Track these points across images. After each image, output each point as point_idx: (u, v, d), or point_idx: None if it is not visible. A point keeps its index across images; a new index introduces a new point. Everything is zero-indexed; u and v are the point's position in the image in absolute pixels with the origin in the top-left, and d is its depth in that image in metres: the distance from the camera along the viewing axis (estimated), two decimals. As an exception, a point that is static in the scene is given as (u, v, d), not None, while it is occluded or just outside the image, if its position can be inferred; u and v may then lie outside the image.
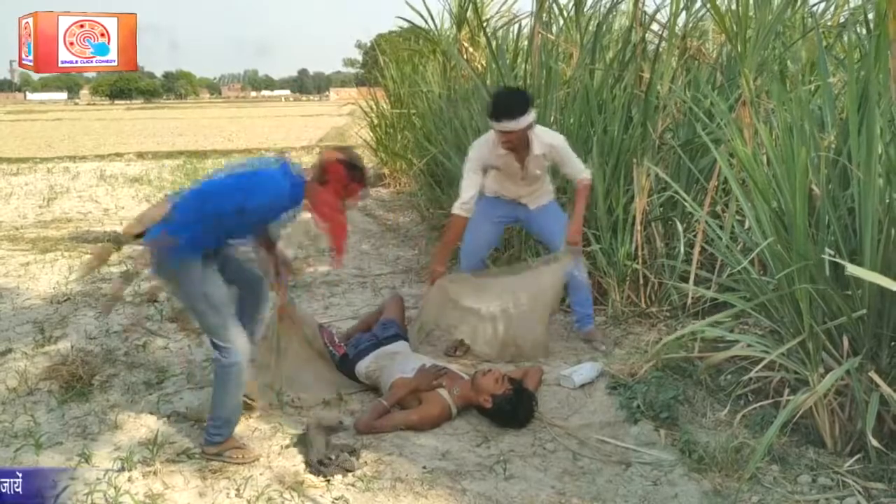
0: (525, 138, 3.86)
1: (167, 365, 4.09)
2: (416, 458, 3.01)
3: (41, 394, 3.71)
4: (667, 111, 4.81)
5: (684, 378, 3.55)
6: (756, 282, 3.05)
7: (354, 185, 2.97)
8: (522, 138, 3.85)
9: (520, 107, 3.76)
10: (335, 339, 3.82)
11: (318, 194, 2.92)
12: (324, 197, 2.92)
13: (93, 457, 3.04)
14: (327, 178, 2.92)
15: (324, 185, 2.92)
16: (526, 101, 3.82)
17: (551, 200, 4.26)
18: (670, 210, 4.78)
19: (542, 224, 4.25)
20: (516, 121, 3.75)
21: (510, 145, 3.87)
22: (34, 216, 9.33)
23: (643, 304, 4.61)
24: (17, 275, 6.15)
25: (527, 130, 3.83)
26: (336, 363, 3.74)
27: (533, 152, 3.92)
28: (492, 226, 4.28)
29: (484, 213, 4.18)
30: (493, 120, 3.83)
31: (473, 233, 4.19)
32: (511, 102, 3.79)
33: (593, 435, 3.19)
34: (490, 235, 4.33)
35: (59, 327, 4.72)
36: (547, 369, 3.89)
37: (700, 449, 2.92)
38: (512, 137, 3.82)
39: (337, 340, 3.81)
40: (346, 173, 2.94)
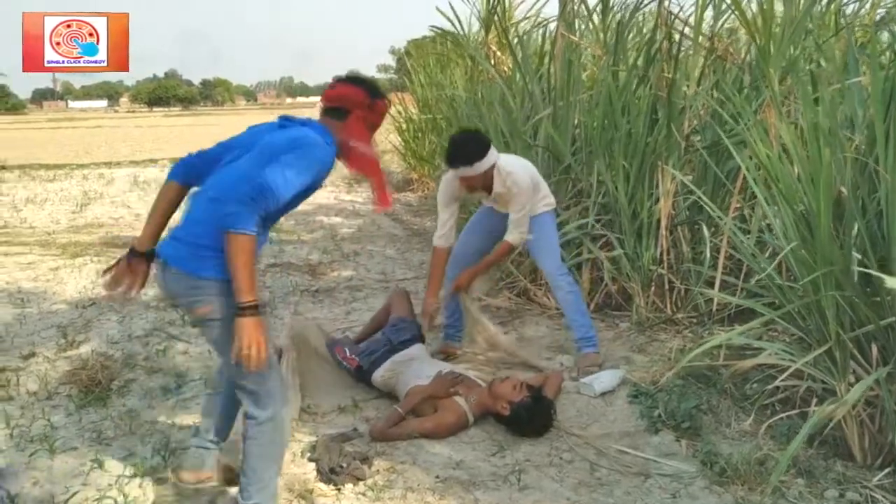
0: (486, 180, 3.76)
1: (186, 370, 4.09)
2: (430, 466, 2.96)
3: (60, 398, 3.73)
4: (693, 112, 4.70)
5: (708, 386, 3.45)
6: (781, 288, 2.94)
7: (379, 102, 2.48)
8: (482, 180, 3.76)
9: (476, 153, 3.67)
10: (347, 352, 3.77)
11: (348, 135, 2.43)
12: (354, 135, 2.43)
13: (106, 462, 3.03)
14: (347, 108, 2.44)
15: (346, 122, 2.43)
16: (482, 146, 3.70)
17: (545, 212, 4.00)
18: (696, 213, 4.67)
19: (528, 242, 4.01)
20: (472, 167, 3.67)
21: (471, 189, 3.82)
22: (67, 221, 9.46)
23: (669, 309, 4.50)
24: (46, 279, 6.23)
25: (486, 174, 3.73)
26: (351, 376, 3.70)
27: (496, 190, 3.80)
28: (482, 237, 4.15)
29: (477, 222, 4.16)
30: (450, 166, 3.77)
31: (463, 242, 4.15)
32: (467, 150, 3.70)
33: (612, 445, 3.11)
34: (480, 244, 4.16)
35: (83, 331, 4.75)
36: (565, 376, 3.81)
37: (722, 460, 2.82)
38: (472, 182, 3.75)
39: (349, 353, 3.76)
40: (365, 93, 2.46)
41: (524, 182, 3.77)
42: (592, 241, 4.82)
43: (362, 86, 2.47)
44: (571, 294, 3.97)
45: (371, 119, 2.46)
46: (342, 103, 2.45)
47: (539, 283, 5.11)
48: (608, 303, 4.84)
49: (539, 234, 3.96)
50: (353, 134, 2.43)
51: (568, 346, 4.28)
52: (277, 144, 2.28)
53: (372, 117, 2.47)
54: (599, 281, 4.85)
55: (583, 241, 4.83)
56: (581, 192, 5.04)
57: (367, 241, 7.88)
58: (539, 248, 4.02)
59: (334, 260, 6.67)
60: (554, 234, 4.05)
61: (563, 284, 3.95)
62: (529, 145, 5.17)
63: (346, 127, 2.42)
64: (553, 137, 4.95)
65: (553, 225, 4.06)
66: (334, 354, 3.74)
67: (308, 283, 5.93)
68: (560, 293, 3.98)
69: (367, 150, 2.47)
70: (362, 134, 2.45)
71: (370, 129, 2.48)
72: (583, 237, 4.82)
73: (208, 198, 2.28)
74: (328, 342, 3.83)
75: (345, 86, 2.48)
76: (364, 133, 2.45)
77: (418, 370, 3.50)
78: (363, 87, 2.47)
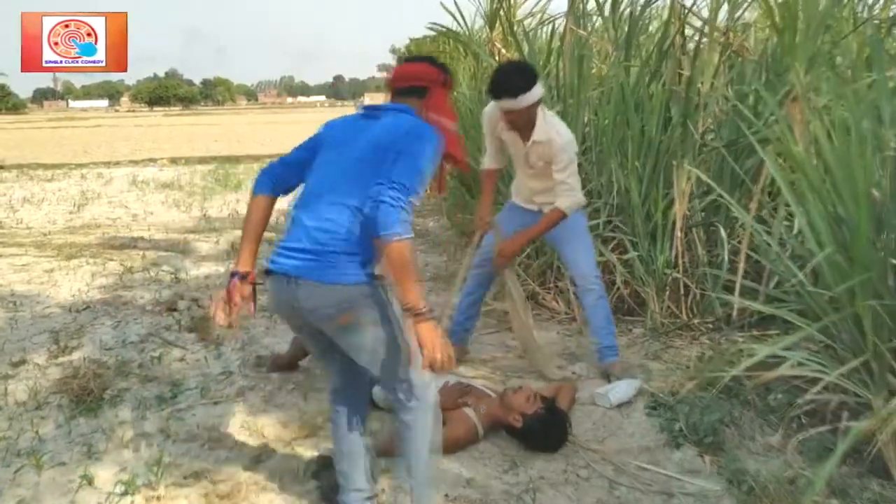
0: (529, 119, 3.51)
1: (182, 378, 3.92)
2: (439, 485, 2.78)
3: (50, 408, 3.56)
4: (708, 110, 4.53)
5: (730, 397, 3.26)
6: (813, 296, 2.76)
7: (450, 78, 2.47)
8: (525, 118, 3.50)
9: (522, 84, 3.40)
10: None
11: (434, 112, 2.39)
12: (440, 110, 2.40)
13: (95, 478, 2.87)
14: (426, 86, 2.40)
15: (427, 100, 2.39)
16: (529, 77, 3.44)
17: (575, 213, 3.71)
18: (713, 215, 4.49)
19: (558, 236, 3.80)
20: (516, 100, 3.40)
21: (512, 125, 3.56)
22: (63, 222, 9.31)
23: (684, 315, 4.33)
24: (41, 282, 6.06)
25: (530, 110, 3.48)
26: None
27: (534, 137, 3.55)
28: (507, 236, 3.92)
29: (502, 219, 3.95)
30: (493, 97, 3.52)
31: (489, 241, 3.96)
32: (512, 79, 3.43)
33: (631, 461, 2.93)
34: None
35: (76, 337, 4.59)
36: (579, 385, 3.64)
37: (749, 478, 2.65)
38: (514, 117, 3.50)
39: None
40: (438, 69, 2.44)
41: (567, 134, 3.53)
42: (604, 244, 4.65)
43: (434, 63, 2.48)
44: (602, 300, 3.79)
45: (446, 95, 2.45)
46: (420, 82, 2.40)
47: (548, 286, 4.95)
48: (621, 307, 4.66)
49: (573, 234, 3.75)
50: (438, 110, 2.39)
51: (580, 353, 4.11)
52: (400, 140, 2.20)
53: (446, 93, 2.45)
54: (611, 285, 4.66)
55: (594, 244, 4.65)
56: (591, 192, 4.86)
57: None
58: (573, 250, 3.80)
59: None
60: (588, 233, 3.85)
61: (597, 289, 3.76)
62: (538, 144, 5.00)
63: (429, 104, 2.39)
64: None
65: (586, 223, 3.86)
66: None
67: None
68: (591, 297, 3.77)
69: (453, 125, 2.44)
70: (445, 109, 2.42)
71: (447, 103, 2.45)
72: (594, 239, 4.63)
73: (337, 204, 2.19)
74: None
75: (418, 65, 2.48)
76: (447, 108, 2.42)
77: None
78: (435, 64, 2.47)
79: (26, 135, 33.09)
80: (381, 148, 2.19)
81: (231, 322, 2.35)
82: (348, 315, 2.18)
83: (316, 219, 2.21)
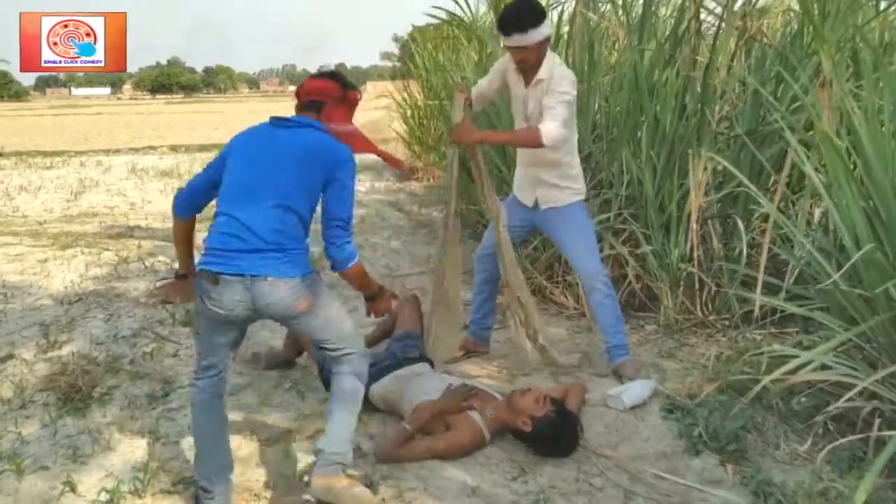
0: (538, 58, 3.35)
1: (174, 375, 3.76)
2: (442, 494, 2.62)
3: (35, 407, 3.40)
4: (725, 97, 4.33)
5: (752, 401, 3.07)
6: (847, 295, 2.57)
7: (349, 92, 2.74)
8: (534, 57, 3.35)
9: (531, 19, 3.27)
10: None
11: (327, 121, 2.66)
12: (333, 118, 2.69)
13: (79, 485, 2.70)
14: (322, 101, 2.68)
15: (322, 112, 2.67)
16: (538, 13, 3.31)
17: (573, 203, 3.59)
18: (730, 207, 4.30)
19: (558, 232, 3.64)
20: (527, 34, 3.26)
21: (523, 65, 3.39)
22: (60, 210, 9.13)
23: (699, 312, 4.14)
24: (33, 272, 5.88)
25: (540, 47, 3.33)
26: None
27: (538, 76, 3.39)
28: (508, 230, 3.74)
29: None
30: (502, 34, 3.37)
31: (490, 236, 3.80)
32: (521, 14, 3.29)
33: (647, 469, 2.76)
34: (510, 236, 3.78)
35: (66, 331, 4.41)
36: (591, 386, 3.46)
37: (777, 491, 2.47)
38: (525, 56, 3.34)
39: None
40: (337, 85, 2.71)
41: (571, 75, 3.40)
42: (615, 236, 4.46)
43: (336, 79, 2.72)
44: (609, 297, 3.60)
45: (344, 108, 2.73)
46: (318, 97, 2.67)
47: (556, 280, 4.76)
48: (632, 302, 4.49)
49: (572, 229, 3.57)
50: (331, 118, 2.66)
51: (591, 351, 3.94)
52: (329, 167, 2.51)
53: (345, 107, 2.73)
54: (623, 279, 4.49)
55: (604, 236, 4.47)
56: (602, 182, 4.68)
57: (371, 232, 7.53)
58: (575, 247, 3.61)
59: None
60: (591, 228, 3.65)
61: (603, 287, 3.57)
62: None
63: (324, 115, 2.65)
64: (572, 124, 4.58)
65: (588, 218, 3.66)
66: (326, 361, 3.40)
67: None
68: (597, 296, 3.59)
69: (349, 127, 2.74)
70: (340, 116, 2.70)
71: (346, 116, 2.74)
72: (604, 232, 4.46)
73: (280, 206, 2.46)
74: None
75: (319, 81, 2.71)
76: (342, 115, 2.71)
77: (424, 384, 3.14)
78: (337, 80, 2.71)
79: (27, 122, 32.88)
80: (307, 159, 2.50)
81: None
82: (302, 303, 2.45)
83: (262, 220, 2.43)
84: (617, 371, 3.57)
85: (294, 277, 2.42)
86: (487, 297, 3.90)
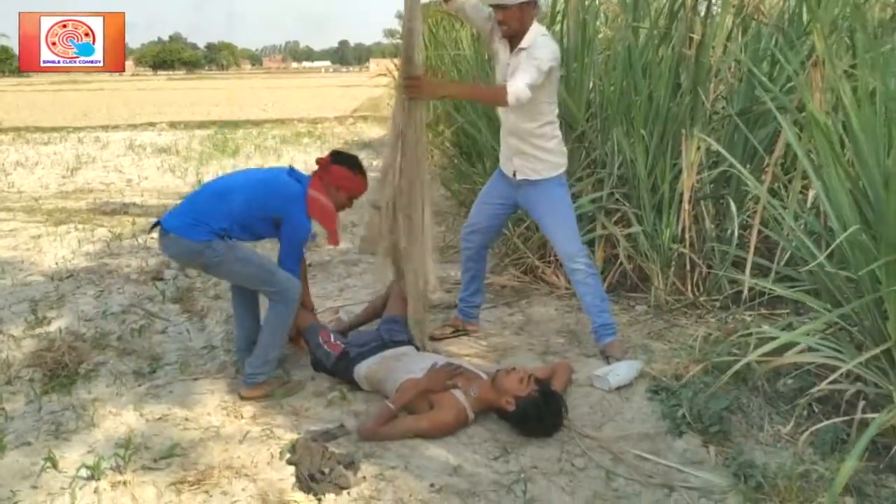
0: (521, 24, 3.28)
1: (162, 352, 3.75)
2: (424, 472, 2.61)
3: (22, 383, 3.40)
4: (720, 77, 4.27)
5: (737, 382, 3.05)
6: (832, 277, 2.54)
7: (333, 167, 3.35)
8: (517, 23, 3.27)
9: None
10: (331, 338, 3.42)
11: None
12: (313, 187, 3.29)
13: (61, 461, 2.69)
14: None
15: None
16: None
17: (552, 179, 3.49)
18: (722, 187, 4.26)
19: (538, 211, 3.59)
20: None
21: (506, 29, 3.31)
22: (56, 186, 9.12)
23: (690, 292, 4.11)
24: (26, 248, 5.88)
25: (522, 11, 3.25)
26: (330, 364, 3.34)
27: (521, 45, 3.31)
28: (492, 208, 3.72)
29: (488, 190, 3.77)
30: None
31: (477, 210, 3.78)
32: None
33: (630, 450, 2.74)
34: (491, 219, 3.76)
35: (56, 307, 4.41)
36: (577, 367, 3.44)
37: (758, 473, 2.46)
38: (505, 17, 3.26)
39: (333, 339, 3.41)
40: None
41: (553, 46, 3.32)
42: (607, 216, 4.42)
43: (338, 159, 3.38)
44: (591, 276, 3.56)
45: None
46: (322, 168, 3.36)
47: (548, 260, 4.73)
48: (623, 283, 4.46)
49: (551, 208, 3.52)
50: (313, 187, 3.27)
51: (580, 330, 3.92)
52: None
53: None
54: (614, 259, 4.46)
55: (596, 216, 4.44)
56: (595, 162, 4.63)
57: (366, 210, 7.48)
58: (553, 227, 3.56)
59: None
60: (570, 207, 3.58)
61: (584, 267, 3.53)
62: (540, 111, 4.75)
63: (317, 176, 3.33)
64: (566, 102, 4.52)
65: (567, 195, 3.58)
66: (316, 338, 3.39)
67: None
68: (578, 276, 3.55)
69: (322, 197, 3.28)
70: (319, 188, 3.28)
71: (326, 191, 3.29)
72: (596, 211, 4.43)
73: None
74: (310, 326, 3.47)
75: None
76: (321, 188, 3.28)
77: (409, 364, 3.13)
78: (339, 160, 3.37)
79: (28, 97, 32.73)
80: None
81: None
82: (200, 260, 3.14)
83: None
84: (604, 352, 3.55)
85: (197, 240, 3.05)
86: (475, 274, 3.88)
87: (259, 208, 3.17)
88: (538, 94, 3.25)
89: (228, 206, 3.14)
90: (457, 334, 3.91)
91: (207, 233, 3.07)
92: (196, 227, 3.07)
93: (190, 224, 3.08)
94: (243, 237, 3.22)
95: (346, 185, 3.32)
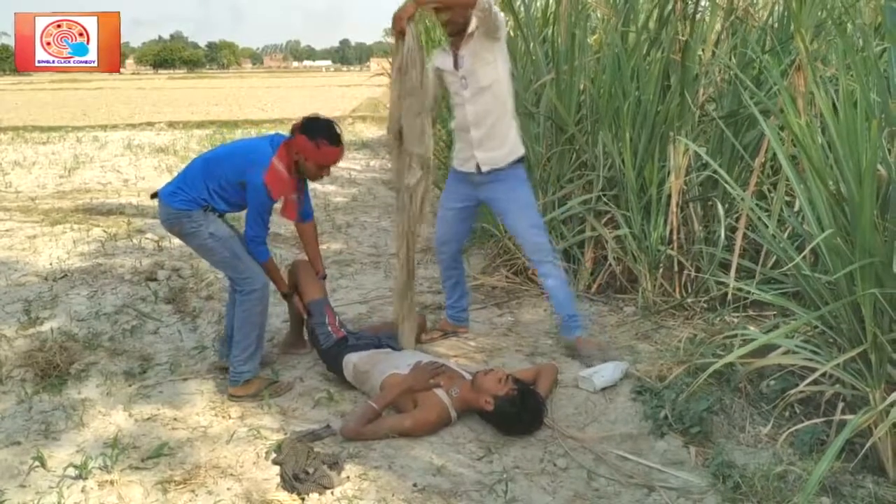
0: (465, 16, 3.26)
1: (153, 353, 3.78)
2: (407, 472, 2.64)
3: (13, 383, 3.43)
4: (709, 79, 4.30)
5: (720, 383, 3.09)
6: (810, 280, 2.57)
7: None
8: (462, 16, 3.27)
9: None
10: (337, 321, 3.47)
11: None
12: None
13: (50, 460, 2.73)
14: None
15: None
16: None
17: (515, 168, 3.50)
18: (710, 189, 4.29)
19: (502, 206, 3.59)
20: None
21: (453, 27, 3.31)
22: (53, 186, 9.14)
23: (678, 294, 4.14)
24: (22, 248, 5.91)
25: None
26: (325, 346, 3.38)
27: (469, 29, 3.28)
28: (455, 213, 3.74)
29: (447, 197, 3.76)
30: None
31: (441, 222, 3.81)
32: None
33: (612, 450, 2.77)
34: (458, 224, 3.78)
35: (49, 307, 4.44)
36: (564, 368, 3.47)
37: (736, 473, 2.49)
38: (455, 16, 3.27)
39: (337, 323, 3.47)
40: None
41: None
42: (596, 218, 4.45)
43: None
44: (559, 269, 3.61)
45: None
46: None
47: (538, 261, 4.75)
48: (612, 284, 4.49)
49: (514, 203, 3.52)
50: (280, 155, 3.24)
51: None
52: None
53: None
54: (603, 261, 4.49)
55: (586, 218, 4.47)
56: (585, 164, 4.66)
57: (361, 211, 7.54)
58: (517, 220, 3.55)
59: (324, 231, 6.30)
60: (533, 200, 3.59)
61: (550, 259, 3.55)
62: (531, 113, 4.79)
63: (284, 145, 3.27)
64: (556, 105, 4.56)
65: (530, 190, 3.57)
66: (322, 316, 3.43)
67: (294, 256, 5.59)
68: (545, 268, 3.57)
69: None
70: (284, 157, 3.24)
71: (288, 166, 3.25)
72: (586, 213, 4.46)
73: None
74: (318, 301, 3.50)
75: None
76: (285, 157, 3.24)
77: (395, 360, 3.19)
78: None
79: (27, 97, 32.77)
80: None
81: None
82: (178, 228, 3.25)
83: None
84: (573, 348, 3.58)
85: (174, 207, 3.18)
86: (457, 281, 3.90)
87: (234, 174, 3.20)
88: (502, 69, 3.33)
89: (212, 173, 3.21)
90: (445, 336, 3.94)
91: (188, 201, 3.18)
92: (177, 194, 3.20)
93: (173, 191, 3.22)
94: (227, 209, 3.30)
95: (311, 156, 3.21)
